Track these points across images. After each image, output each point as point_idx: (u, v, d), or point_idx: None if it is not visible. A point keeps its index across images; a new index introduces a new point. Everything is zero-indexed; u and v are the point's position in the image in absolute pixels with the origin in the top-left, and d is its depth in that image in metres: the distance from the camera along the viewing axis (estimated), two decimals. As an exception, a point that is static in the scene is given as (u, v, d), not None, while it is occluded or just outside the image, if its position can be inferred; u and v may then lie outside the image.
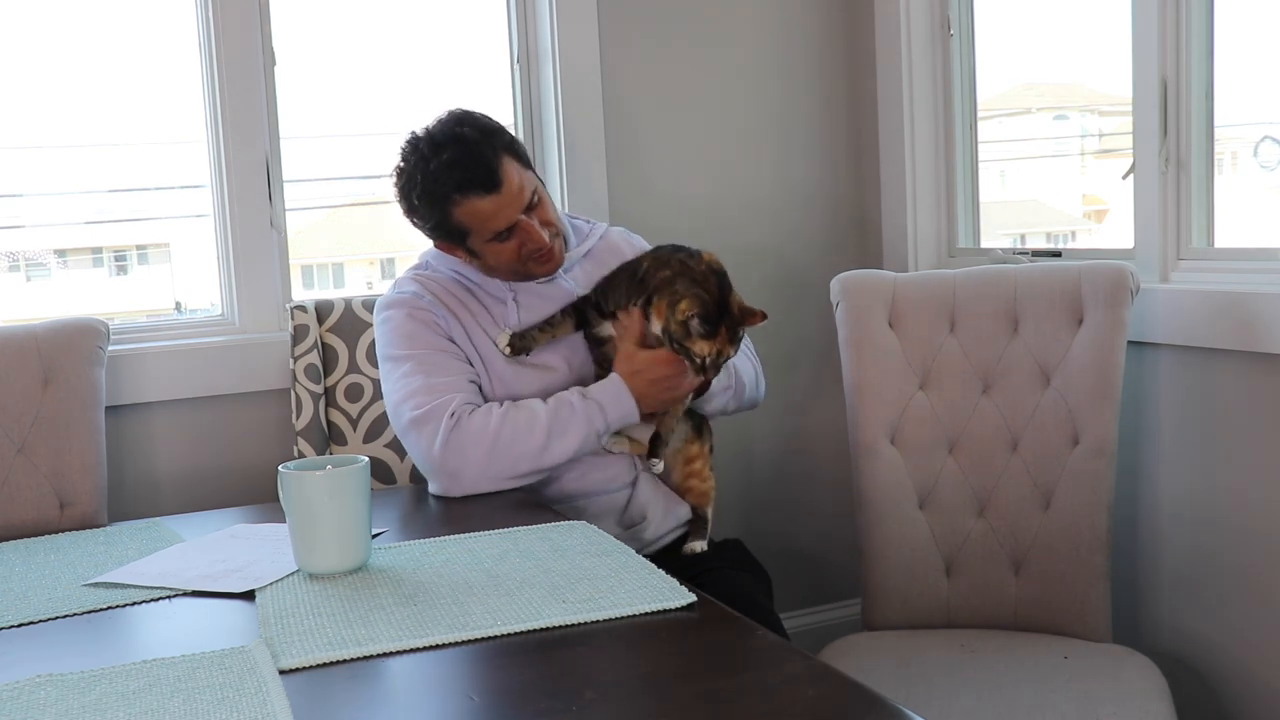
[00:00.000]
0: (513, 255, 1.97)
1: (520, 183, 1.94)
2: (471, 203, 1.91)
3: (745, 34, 2.78)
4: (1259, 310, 1.99)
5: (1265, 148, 2.23)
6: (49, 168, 2.43)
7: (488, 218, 1.92)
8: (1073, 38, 2.60)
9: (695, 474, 2.03)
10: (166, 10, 2.42)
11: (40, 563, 1.67)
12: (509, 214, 1.93)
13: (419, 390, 1.91)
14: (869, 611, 2.23)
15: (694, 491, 2.03)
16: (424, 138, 1.94)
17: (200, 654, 1.23)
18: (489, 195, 1.91)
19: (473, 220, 1.93)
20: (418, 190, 1.93)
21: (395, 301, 2.01)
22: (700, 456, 2.03)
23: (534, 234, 1.95)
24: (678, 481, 2.03)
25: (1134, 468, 2.25)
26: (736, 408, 2.10)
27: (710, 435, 2.06)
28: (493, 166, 1.91)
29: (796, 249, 2.85)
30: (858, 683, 1.10)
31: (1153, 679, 1.89)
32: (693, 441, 2.02)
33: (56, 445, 2.05)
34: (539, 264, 1.99)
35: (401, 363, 1.96)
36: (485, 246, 1.96)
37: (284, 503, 1.47)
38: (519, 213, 1.94)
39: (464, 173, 1.90)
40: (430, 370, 1.93)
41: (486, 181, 1.90)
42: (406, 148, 1.96)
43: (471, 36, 2.69)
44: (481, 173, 1.90)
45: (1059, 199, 2.92)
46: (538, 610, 1.30)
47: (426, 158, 1.92)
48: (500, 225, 1.93)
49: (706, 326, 1.82)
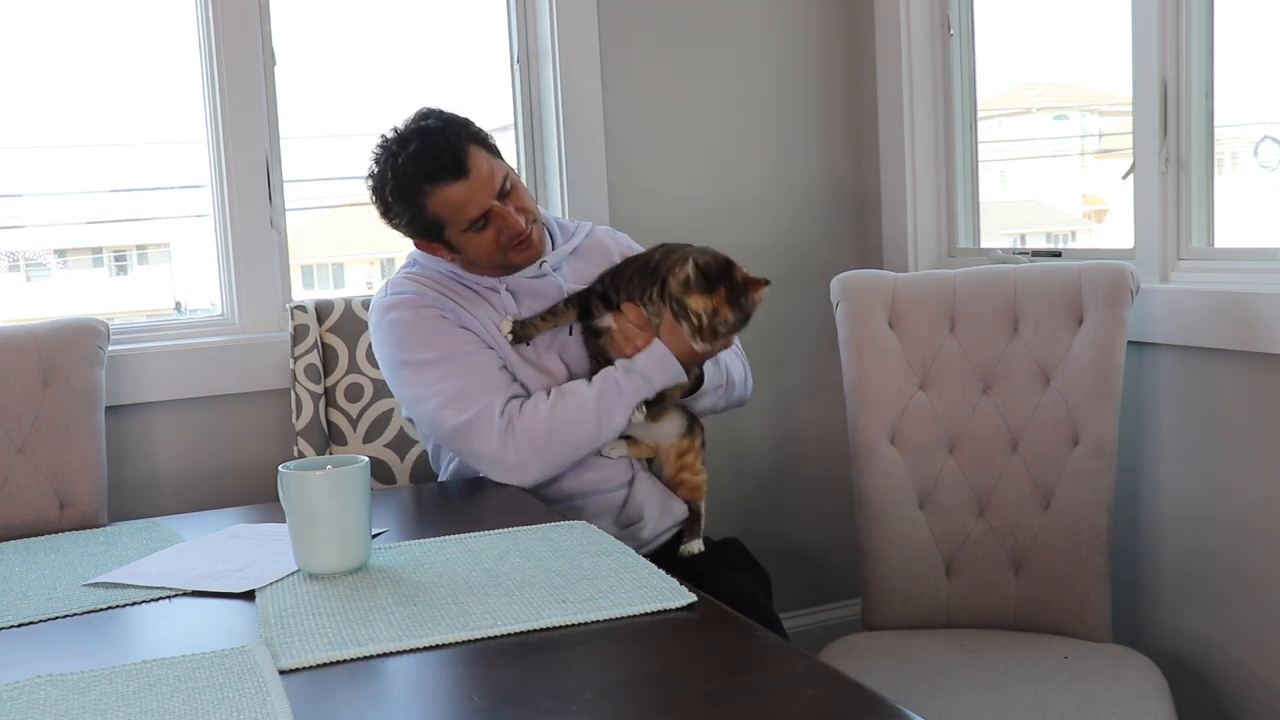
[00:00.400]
0: (491, 244, 1.96)
1: (490, 169, 1.94)
2: (442, 191, 1.91)
3: (745, 35, 2.78)
4: (1259, 310, 1.99)
5: (1265, 148, 2.23)
6: (49, 168, 2.43)
7: (460, 205, 1.92)
8: (1073, 38, 2.60)
9: (687, 467, 2.02)
10: (166, 10, 2.42)
11: (40, 563, 1.66)
12: (481, 200, 1.92)
13: (457, 395, 1.90)
14: (869, 611, 2.23)
15: (686, 485, 2.03)
16: (392, 137, 1.95)
17: (200, 654, 1.23)
18: (458, 182, 1.91)
19: (446, 210, 1.92)
20: (389, 186, 1.93)
21: (397, 303, 1.98)
22: (692, 450, 2.03)
23: (510, 219, 1.94)
24: (670, 476, 2.03)
25: (1134, 468, 2.25)
26: (726, 406, 2.10)
27: (701, 430, 2.06)
28: (459, 153, 1.91)
29: (796, 249, 2.85)
30: (858, 683, 1.10)
31: (1153, 679, 1.89)
32: (684, 436, 2.02)
33: (56, 445, 2.05)
34: (519, 252, 1.98)
35: (426, 368, 1.93)
36: (463, 238, 1.95)
37: (284, 503, 1.47)
38: (491, 199, 1.93)
39: (432, 162, 1.90)
40: (460, 371, 1.92)
41: (454, 168, 1.90)
42: (377, 150, 1.96)
43: (471, 36, 2.69)
44: (448, 159, 1.90)
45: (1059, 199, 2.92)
46: (538, 610, 1.30)
47: (395, 154, 1.92)
48: (474, 213, 1.92)
49: (704, 280, 1.82)
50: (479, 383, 1.91)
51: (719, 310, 1.83)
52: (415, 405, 1.98)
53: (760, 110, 2.80)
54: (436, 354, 1.93)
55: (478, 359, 1.93)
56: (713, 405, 2.07)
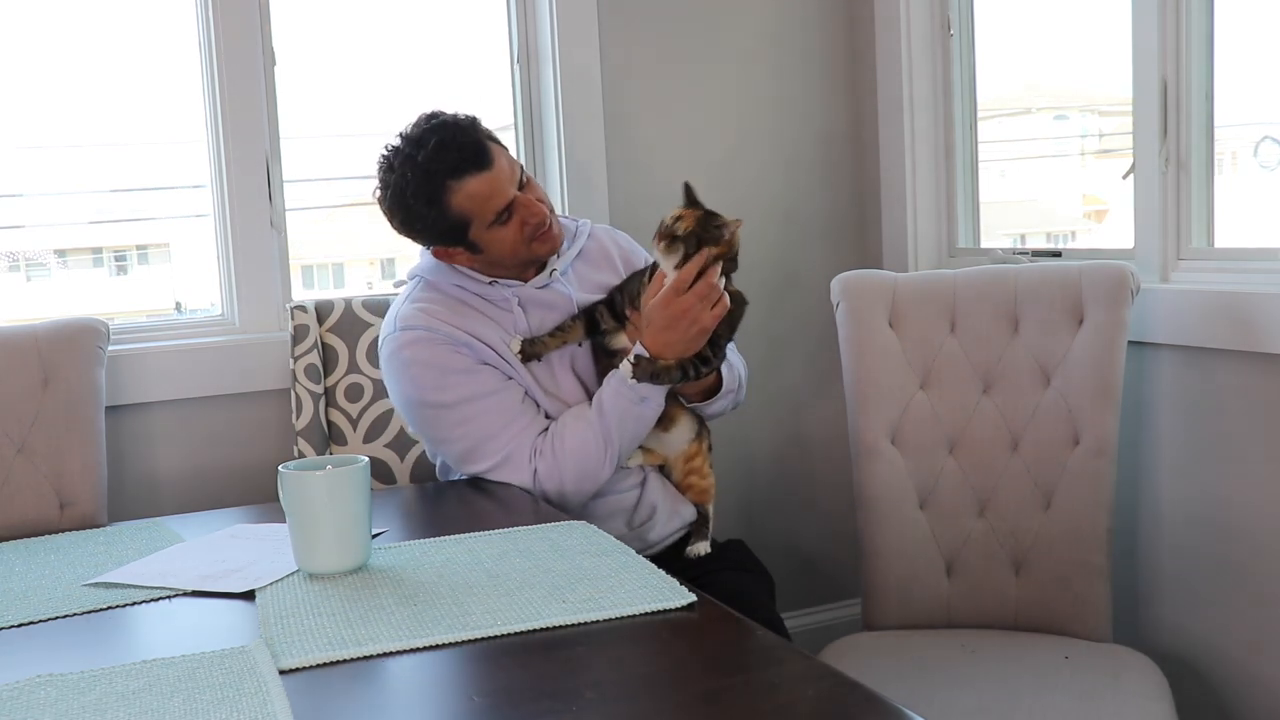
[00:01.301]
0: (516, 237, 1.92)
1: (508, 160, 1.91)
2: (467, 184, 1.86)
3: (745, 36, 2.78)
4: (1259, 310, 1.99)
5: (1265, 148, 2.23)
6: (49, 168, 2.43)
7: (487, 197, 1.88)
8: (1073, 38, 2.60)
9: (695, 471, 2.03)
10: (166, 10, 2.42)
11: (40, 563, 1.66)
12: (506, 190, 1.89)
13: (483, 441, 1.89)
14: (869, 611, 2.23)
15: (695, 489, 2.04)
16: (401, 143, 1.90)
17: (200, 654, 1.23)
18: (482, 173, 1.87)
19: (472, 204, 1.88)
20: (411, 189, 1.87)
21: (409, 341, 1.91)
22: (700, 454, 2.03)
23: (534, 207, 1.91)
24: (678, 479, 2.04)
25: (1134, 468, 2.25)
26: (730, 410, 2.11)
27: (709, 434, 2.07)
28: (479, 144, 1.88)
29: (797, 249, 2.85)
30: (858, 683, 1.09)
31: (1153, 679, 1.89)
32: (692, 440, 2.03)
33: (56, 445, 2.05)
34: (542, 242, 1.94)
35: (446, 411, 1.91)
36: (487, 235, 1.90)
37: (284, 503, 1.47)
38: (514, 189, 1.90)
39: (455, 153, 1.86)
40: (482, 414, 1.90)
41: (477, 159, 1.87)
42: (384, 162, 1.91)
43: (471, 36, 2.69)
44: (470, 151, 1.87)
45: (1059, 199, 2.92)
46: (538, 610, 1.30)
47: (412, 155, 1.87)
48: (500, 204, 1.88)
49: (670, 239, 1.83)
50: (501, 429, 1.89)
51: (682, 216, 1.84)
52: (437, 446, 1.98)
53: (760, 111, 2.80)
54: (456, 397, 1.90)
55: (499, 399, 1.91)
56: (722, 411, 2.07)
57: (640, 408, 1.88)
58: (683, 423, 2.01)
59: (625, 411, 1.88)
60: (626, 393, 1.87)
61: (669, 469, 2.04)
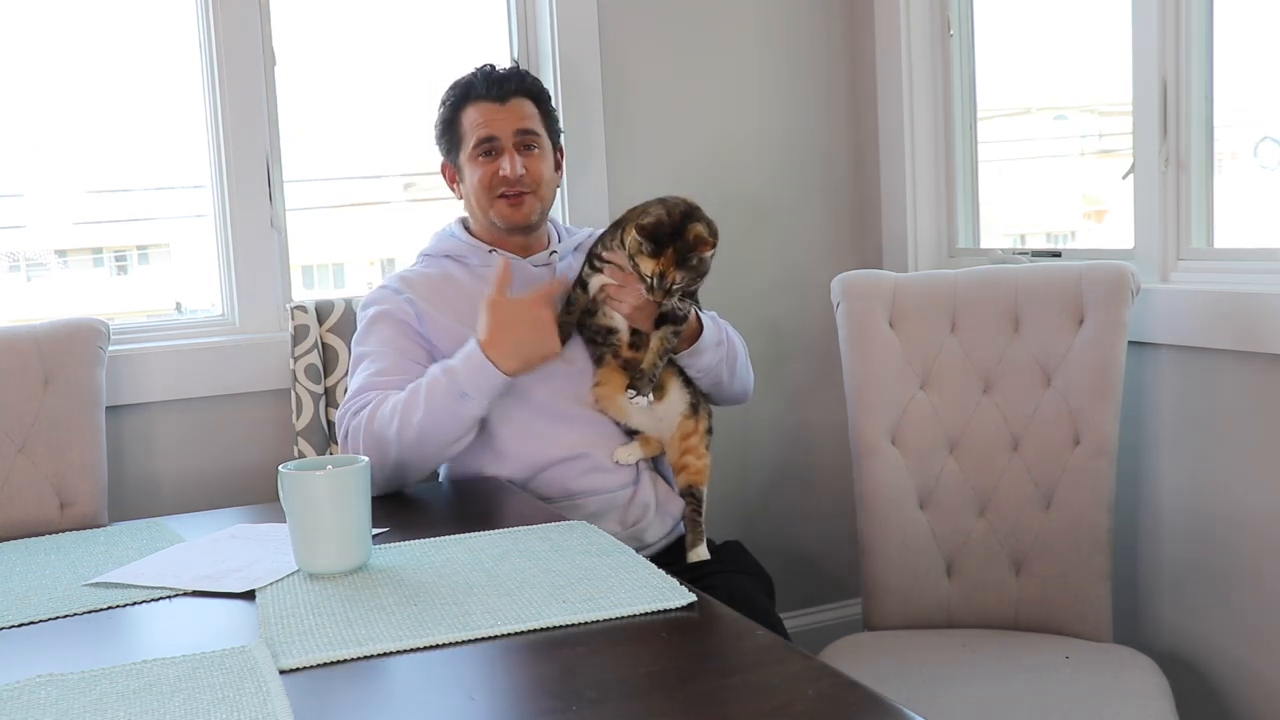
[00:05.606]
0: (485, 180, 2.06)
1: (524, 114, 2.09)
2: (477, 106, 2.08)
3: (745, 37, 2.78)
4: (1259, 310, 1.99)
5: (1265, 148, 2.23)
6: (49, 168, 2.43)
7: (479, 124, 2.07)
8: (1073, 38, 2.60)
9: (691, 450, 2.03)
10: (166, 10, 2.42)
11: (41, 563, 1.66)
12: (499, 126, 2.06)
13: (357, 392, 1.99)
14: (869, 611, 2.23)
15: (690, 469, 2.03)
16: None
17: (200, 654, 1.23)
18: (491, 103, 2.08)
19: (469, 123, 2.09)
20: (446, 96, 2.14)
21: (373, 298, 2.09)
22: (696, 433, 2.03)
23: (510, 163, 2.05)
24: (674, 459, 2.04)
25: (1134, 467, 2.25)
26: (730, 378, 2.10)
27: (709, 415, 2.06)
28: (506, 89, 2.09)
29: (797, 249, 2.85)
30: (858, 683, 1.09)
31: (1153, 679, 1.89)
32: (689, 418, 2.03)
33: (57, 445, 2.05)
34: (505, 203, 2.07)
35: (361, 359, 2.04)
36: (468, 161, 2.09)
37: (284, 503, 1.47)
38: (509, 134, 2.06)
39: (483, 81, 2.09)
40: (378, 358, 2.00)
41: (494, 92, 2.08)
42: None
43: (471, 36, 2.69)
44: (495, 85, 2.09)
45: (1059, 199, 2.92)
46: (538, 610, 1.30)
47: (464, 75, 2.13)
48: (484, 134, 2.06)
49: (652, 245, 1.84)
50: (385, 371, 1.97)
51: (666, 273, 1.85)
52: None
53: (760, 110, 2.80)
54: (372, 347, 2.02)
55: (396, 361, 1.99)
56: (713, 369, 2.05)
57: (459, 404, 1.88)
58: (674, 392, 2.01)
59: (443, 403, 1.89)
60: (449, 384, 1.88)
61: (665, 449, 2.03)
